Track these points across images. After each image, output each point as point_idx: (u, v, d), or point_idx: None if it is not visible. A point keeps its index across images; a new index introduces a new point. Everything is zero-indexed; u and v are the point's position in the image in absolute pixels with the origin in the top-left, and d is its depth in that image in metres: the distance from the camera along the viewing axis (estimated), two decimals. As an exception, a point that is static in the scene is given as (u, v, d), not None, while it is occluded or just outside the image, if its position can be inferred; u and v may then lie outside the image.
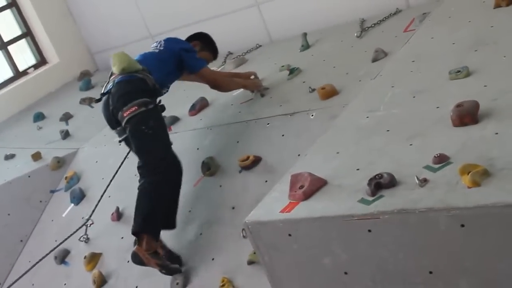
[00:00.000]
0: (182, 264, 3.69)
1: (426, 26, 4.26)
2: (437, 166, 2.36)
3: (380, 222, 2.25)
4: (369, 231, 2.29)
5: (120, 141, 4.17)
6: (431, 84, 3.20)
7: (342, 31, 5.32)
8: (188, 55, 4.37)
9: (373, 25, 5.14)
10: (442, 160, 2.38)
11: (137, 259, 3.58)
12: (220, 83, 4.50)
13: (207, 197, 4.03)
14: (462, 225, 2.09)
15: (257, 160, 3.90)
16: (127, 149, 4.77)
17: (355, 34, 5.06)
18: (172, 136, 4.71)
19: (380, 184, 2.36)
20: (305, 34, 5.43)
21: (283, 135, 3.95)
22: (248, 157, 3.91)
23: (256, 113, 4.31)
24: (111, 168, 4.92)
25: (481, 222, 2.06)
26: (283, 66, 4.96)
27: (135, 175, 4.52)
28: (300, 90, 4.37)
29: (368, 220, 2.28)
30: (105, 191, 4.38)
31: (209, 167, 4.12)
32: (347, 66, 4.43)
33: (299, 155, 3.36)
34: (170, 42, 4.47)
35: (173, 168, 3.83)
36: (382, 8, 5.34)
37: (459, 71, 3.13)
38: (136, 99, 3.84)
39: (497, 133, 2.44)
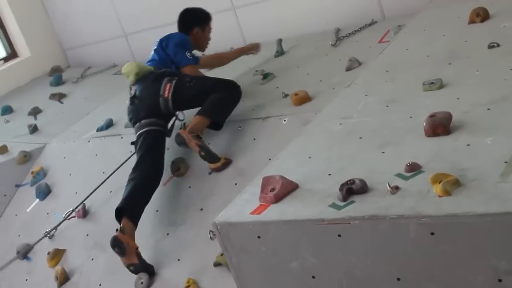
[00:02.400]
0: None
1: (401, 38, 4.30)
2: (409, 174, 2.37)
3: (350, 227, 2.25)
4: (339, 236, 2.29)
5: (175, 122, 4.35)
6: (404, 94, 3.22)
7: (317, 39, 5.35)
8: (175, 51, 4.54)
9: (348, 35, 5.18)
10: (414, 168, 2.39)
11: (179, 139, 3.93)
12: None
13: (176, 197, 4.01)
14: (432, 233, 2.10)
15: (227, 163, 3.90)
16: (95, 147, 4.75)
17: (330, 43, 5.10)
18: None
19: (352, 190, 2.36)
20: (280, 40, 5.45)
21: (254, 139, 3.96)
22: (220, 158, 3.90)
23: (229, 116, 4.29)
24: (79, 164, 4.89)
25: (450, 231, 2.07)
26: (257, 70, 4.97)
27: (103, 172, 4.52)
28: (273, 95, 4.38)
29: (338, 225, 2.28)
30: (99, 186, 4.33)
31: (179, 168, 4.11)
32: (321, 74, 4.46)
33: (270, 159, 3.35)
34: (162, 43, 4.62)
35: (238, 87, 4.28)
36: (357, 18, 5.39)
37: (432, 83, 3.15)
38: (165, 78, 4.19)
39: (468, 145, 2.46)
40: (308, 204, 2.44)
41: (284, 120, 3.92)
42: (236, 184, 3.67)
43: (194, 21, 4.80)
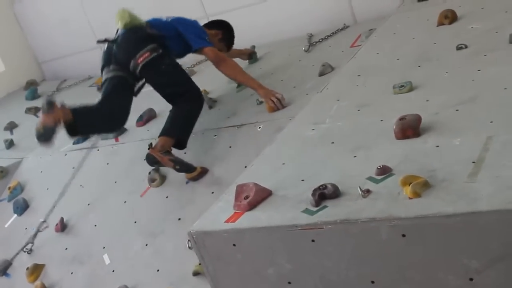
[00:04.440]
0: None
1: (372, 41, 4.34)
2: (379, 177, 2.40)
3: (323, 232, 2.27)
4: (313, 241, 2.31)
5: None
6: (375, 98, 3.26)
7: (291, 45, 5.37)
8: (189, 30, 4.41)
9: (321, 40, 5.22)
10: (384, 171, 2.42)
11: (151, 159, 3.89)
12: (227, 61, 4.36)
13: (154, 208, 4.02)
14: (403, 235, 2.12)
15: (204, 172, 3.91)
16: (72, 160, 4.74)
17: (303, 49, 5.12)
18: (119, 147, 4.73)
19: (324, 195, 2.39)
20: (253, 47, 5.47)
21: (230, 147, 3.97)
22: (195, 168, 3.91)
23: (204, 125, 4.32)
24: (56, 178, 4.87)
25: (421, 232, 2.10)
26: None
27: (81, 185, 4.52)
28: (248, 102, 4.40)
29: (311, 230, 2.30)
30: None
31: (156, 178, 4.11)
32: (294, 80, 4.48)
33: (245, 166, 3.37)
34: (176, 19, 4.52)
35: (201, 96, 4.25)
36: (330, 23, 5.43)
37: (402, 86, 3.19)
38: (145, 46, 4.09)
39: (437, 146, 2.50)
40: (281, 210, 2.46)
41: (259, 127, 3.94)
42: (213, 192, 3.69)
43: (221, 27, 4.83)
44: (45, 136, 3.76)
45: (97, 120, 4.06)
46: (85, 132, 4.24)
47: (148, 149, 3.89)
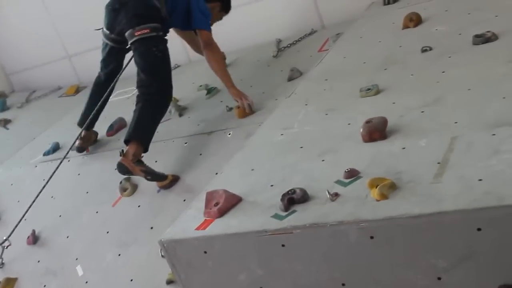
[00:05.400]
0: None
1: (339, 46, 4.38)
2: (347, 180, 2.42)
3: (293, 236, 2.29)
4: (283, 245, 2.32)
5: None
6: (342, 102, 3.29)
7: (259, 51, 5.40)
8: (195, 12, 4.41)
9: (289, 45, 5.25)
10: (352, 174, 2.44)
11: (122, 168, 3.83)
12: (215, 49, 4.46)
13: (126, 217, 3.99)
14: (372, 237, 2.15)
15: (175, 180, 3.91)
16: (42, 171, 4.70)
17: (272, 54, 5.15)
18: (89, 157, 4.71)
19: (293, 200, 2.40)
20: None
21: (200, 154, 3.98)
22: (166, 176, 3.91)
23: (174, 133, 4.32)
24: (27, 190, 4.82)
25: (388, 234, 2.13)
26: (201, 85, 5.00)
27: (52, 197, 4.48)
28: (217, 109, 4.41)
29: (281, 235, 2.31)
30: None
31: (127, 187, 4.10)
32: (263, 85, 4.51)
33: (216, 173, 3.37)
34: None
35: (171, 95, 4.22)
36: (298, 29, 5.47)
37: (369, 89, 3.23)
38: (150, 23, 4.11)
39: (404, 148, 2.53)
40: (251, 216, 2.47)
41: (229, 134, 3.95)
42: (184, 200, 3.68)
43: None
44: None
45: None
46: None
47: (120, 155, 3.87)
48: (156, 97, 4.09)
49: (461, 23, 3.76)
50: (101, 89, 4.63)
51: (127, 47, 4.31)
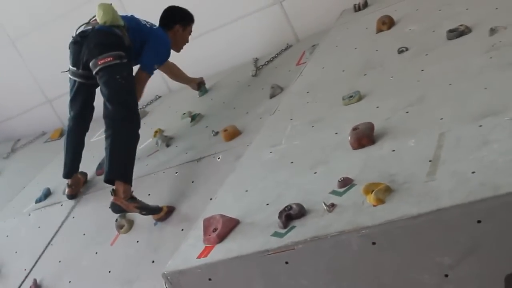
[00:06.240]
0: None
1: (316, 57, 4.40)
2: (342, 189, 2.42)
3: (295, 252, 2.28)
4: (286, 263, 2.31)
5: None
6: (327, 112, 3.29)
7: (238, 72, 5.42)
8: (148, 51, 4.49)
9: (266, 63, 5.27)
10: (346, 183, 2.44)
11: (116, 208, 3.81)
12: (139, 87, 4.49)
13: (126, 254, 3.96)
14: (374, 243, 2.14)
15: (170, 211, 3.89)
16: (36, 219, 4.67)
17: (251, 74, 5.17)
18: (81, 198, 4.69)
19: (291, 216, 2.39)
20: (201, 79, 5.49)
21: (193, 182, 3.97)
22: (161, 208, 3.89)
23: (163, 164, 4.31)
24: (23, 239, 4.79)
25: (390, 237, 2.12)
26: (184, 113, 5.00)
27: (51, 244, 4.45)
28: (204, 134, 4.41)
29: (283, 253, 2.30)
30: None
31: (123, 224, 4.07)
32: (246, 106, 4.51)
33: (211, 199, 3.36)
34: (154, 31, 4.58)
35: (138, 122, 4.14)
36: (273, 45, 5.50)
37: (351, 96, 3.24)
38: (112, 51, 4.11)
39: (394, 150, 2.53)
40: (251, 237, 2.46)
41: (218, 158, 3.95)
42: (182, 229, 3.66)
43: (178, 18, 4.79)
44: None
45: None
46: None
47: (111, 194, 3.84)
48: (123, 124, 4.04)
49: (433, 20, 3.79)
50: (73, 135, 4.66)
51: (95, 82, 4.29)
